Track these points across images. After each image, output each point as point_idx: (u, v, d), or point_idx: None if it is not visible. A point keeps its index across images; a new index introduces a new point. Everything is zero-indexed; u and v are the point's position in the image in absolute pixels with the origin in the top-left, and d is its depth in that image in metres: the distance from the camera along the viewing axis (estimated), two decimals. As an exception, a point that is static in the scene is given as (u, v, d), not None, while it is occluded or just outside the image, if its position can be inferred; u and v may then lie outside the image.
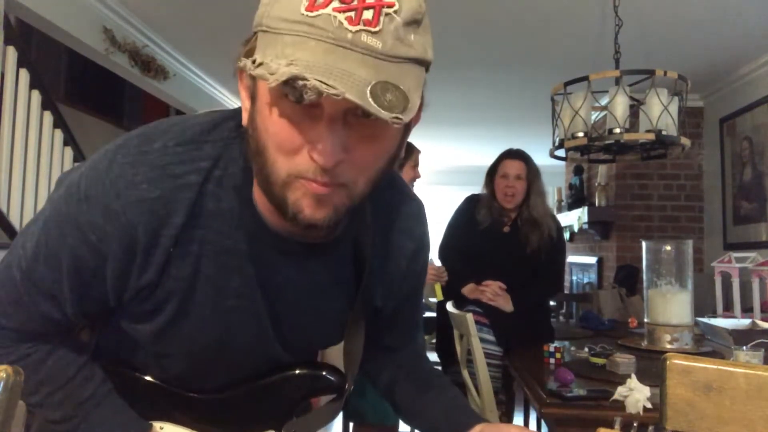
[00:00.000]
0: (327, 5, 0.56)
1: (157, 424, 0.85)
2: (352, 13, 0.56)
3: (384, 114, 0.54)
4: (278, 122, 0.62)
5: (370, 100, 0.54)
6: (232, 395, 0.87)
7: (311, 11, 0.57)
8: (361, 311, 0.86)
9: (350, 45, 0.56)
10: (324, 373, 0.89)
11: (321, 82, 0.53)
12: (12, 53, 2.77)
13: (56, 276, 0.73)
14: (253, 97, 0.66)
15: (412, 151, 2.68)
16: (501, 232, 2.71)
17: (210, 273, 0.74)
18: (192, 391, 0.86)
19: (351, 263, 0.82)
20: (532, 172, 2.70)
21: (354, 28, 0.56)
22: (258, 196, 0.72)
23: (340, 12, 0.56)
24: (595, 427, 0.74)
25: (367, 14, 0.56)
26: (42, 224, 0.74)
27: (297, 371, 0.88)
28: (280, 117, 0.61)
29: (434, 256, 2.82)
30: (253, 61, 0.59)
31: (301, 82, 0.54)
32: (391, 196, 0.86)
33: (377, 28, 0.57)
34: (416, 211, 0.91)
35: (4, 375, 0.67)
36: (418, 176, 2.70)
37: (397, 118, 0.55)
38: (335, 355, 0.92)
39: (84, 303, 0.76)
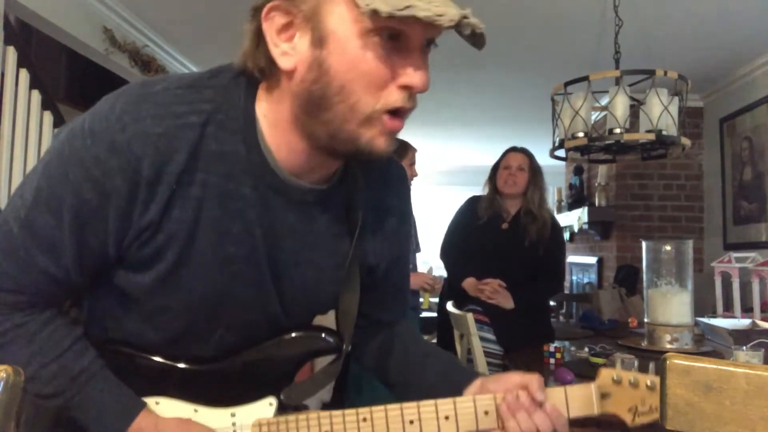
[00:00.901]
0: None
1: (152, 399, 0.84)
2: None
3: (480, 32, 0.67)
4: (371, 60, 0.66)
5: (471, 21, 0.66)
6: (230, 364, 0.85)
7: None
8: (356, 268, 0.86)
9: None
10: (322, 335, 0.88)
11: (438, 15, 0.63)
12: (12, 53, 2.77)
13: (57, 222, 0.72)
14: (321, 42, 0.67)
15: (407, 149, 2.68)
16: (500, 228, 2.73)
17: (212, 217, 0.74)
18: (188, 360, 0.84)
19: (345, 217, 0.84)
20: (534, 167, 2.77)
21: None
22: (274, 138, 0.74)
23: None
24: (595, 427, 0.74)
25: None
26: (42, 169, 0.74)
27: (294, 334, 0.87)
28: (371, 55, 0.66)
29: (432, 264, 2.84)
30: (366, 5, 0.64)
31: (427, 15, 0.62)
32: None
33: None
34: (402, 173, 0.95)
35: (4, 375, 0.67)
36: (415, 174, 2.70)
37: (483, 35, 0.69)
38: (328, 323, 0.92)
39: (83, 253, 0.74)
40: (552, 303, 3.49)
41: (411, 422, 0.81)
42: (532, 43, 3.64)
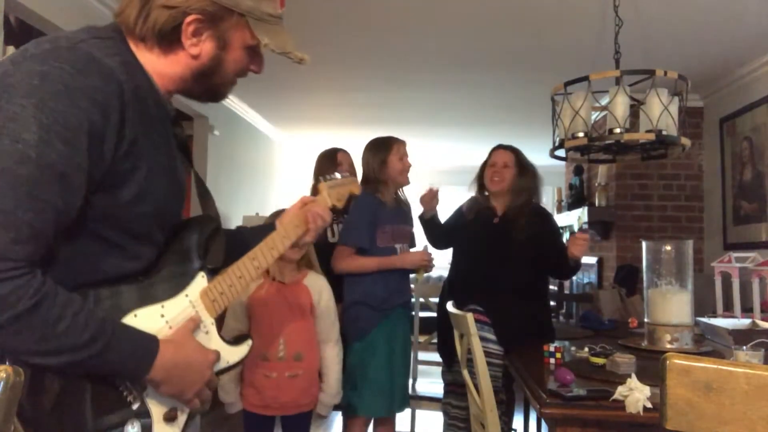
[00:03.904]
0: (281, 7, 1.10)
1: (131, 315, 1.00)
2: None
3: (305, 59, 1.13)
4: (242, 59, 1.09)
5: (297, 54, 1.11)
6: (167, 257, 1.08)
7: (280, 10, 1.09)
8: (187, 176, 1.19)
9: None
10: (210, 215, 1.19)
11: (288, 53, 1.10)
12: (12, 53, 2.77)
13: (70, 150, 0.86)
14: (223, 47, 1.05)
15: (390, 145, 2.67)
16: (492, 222, 2.75)
17: (153, 130, 1.02)
18: (144, 269, 1.03)
19: (172, 132, 1.15)
20: (521, 164, 2.78)
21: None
22: (161, 79, 1.05)
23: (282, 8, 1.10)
24: (595, 427, 0.75)
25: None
26: (35, 111, 0.84)
27: (193, 219, 1.16)
28: (244, 56, 1.08)
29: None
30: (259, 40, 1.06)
31: (295, 55, 1.10)
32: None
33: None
34: None
35: (4, 375, 0.67)
36: (408, 165, 2.68)
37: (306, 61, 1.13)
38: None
39: (92, 172, 0.90)
40: (552, 303, 3.49)
41: (273, 248, 1.27)
42: (532, 43, 3.64)
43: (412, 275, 2.75)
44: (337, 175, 1.48)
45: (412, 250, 2.70)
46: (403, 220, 2.71)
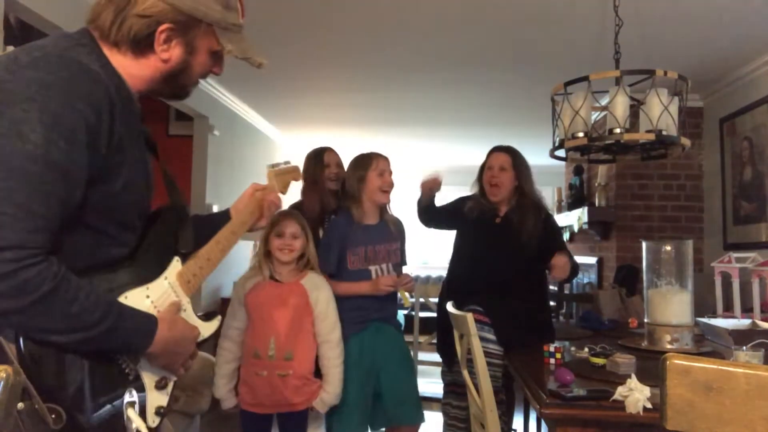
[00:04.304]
0: (242, 17, 1.20)
1: (122, 297, 1.10)
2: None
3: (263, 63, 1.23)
4: (207, 62, 1.19)
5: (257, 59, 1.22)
6: (147, 243, 1.18)
7: (241, 20, 1.20)
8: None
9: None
10: (179, 205, 1.30)
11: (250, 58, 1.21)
12: (12, 53, 2.77)
13: (71, 147, 0.96)
14: (191, 53, 1.15)
15: (369, 162, 2.54)
16: (493, 222, 2.74)
17: (133, 127, 1.12)
18: (129, 255, 1.14)
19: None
20: (519, 164, 2.77)
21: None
22: (131, 80, 1.13)
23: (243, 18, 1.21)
24: (595, 427, 0.74)
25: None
26: (39, 116, 0.93)
27: (163, 208, 1.26)
28: (208, 60, 1.19)
29: (410, 268, 2.79)
30: (223, 47, 1.17)
31: (255, 60, 1.21)
32: None
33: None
34: None
35: (4, 375, 0.68)
36: (389, 182, 2.55)
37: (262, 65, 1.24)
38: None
39: (91, 165, 1.00)
40: (552, 303, 3.49)
41: (233, 233, 1.43)
42: (532, 43, 3.64)
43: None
44: (281, 163, 1.57)
45: (386, 274, 2.51)
46: (384, 239, 2.56)
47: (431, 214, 2.92)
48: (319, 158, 2.87)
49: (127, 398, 1.09)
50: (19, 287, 0.90)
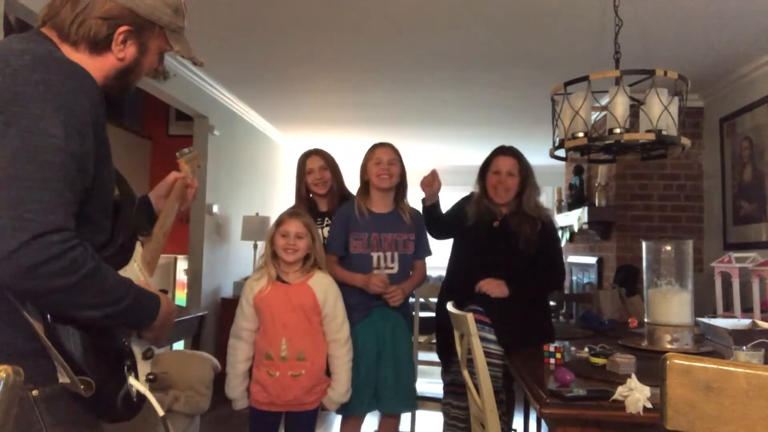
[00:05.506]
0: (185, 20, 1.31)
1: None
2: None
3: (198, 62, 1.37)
4: (154, 62, 1.28)
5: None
6: (116, 231, 1.24)
7: (184, 23, 1.30)
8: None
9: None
10: (131, 194, 1.34)
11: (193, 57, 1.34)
12: (12, 53, 2.77)
13: (83, 139, 1.05)
14: (143, 53, 1.24)
15: (372, 150, 2.73)
16: (491, 226, 2.73)
17: (101, 121, 1.16)
18: (107, 242, 1.20)
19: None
20: (525, 169, 2.75)
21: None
22: (99, 77, 1.18)
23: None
24: (595, 427, 0.75)
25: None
26: (55, 112, 1.02)
27: (119, 197, 1.29)
28: (156, 59, 1.29)
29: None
30: (171, 47, 1.28)
31: (197, 59, 1.34)
32: None
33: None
34: None
35: (4, 375, 0.67)
36: (384, 169, 2.66)
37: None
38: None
39: (97, 154, 1.09)
40: (552, 303, 3.49)
41: (167, 216, 1.48)
42: (531, 42, 3.64)
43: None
44: (187, 151, 1.65)
45: (376, 272, 2.62)
46: (393, 228, 2.70)
47: (439, 229, 2.91)
48: (302, 165, 2.98)
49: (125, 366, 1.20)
50: (69, 267, 0.99)
